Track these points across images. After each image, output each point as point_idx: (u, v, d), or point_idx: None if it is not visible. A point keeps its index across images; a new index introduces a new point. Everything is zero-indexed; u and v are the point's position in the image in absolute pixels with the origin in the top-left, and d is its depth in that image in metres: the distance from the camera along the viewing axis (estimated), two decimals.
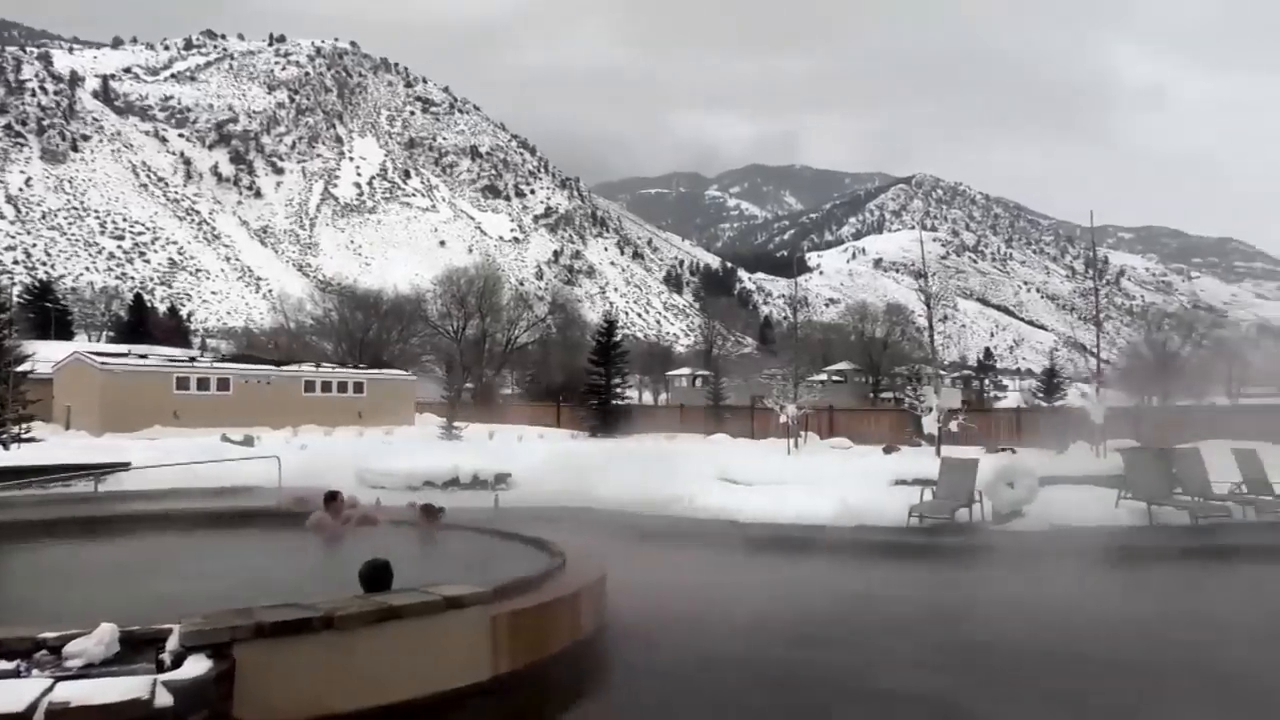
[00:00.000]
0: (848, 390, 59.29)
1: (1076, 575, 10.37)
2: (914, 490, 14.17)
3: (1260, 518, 13.74)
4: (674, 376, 78.48)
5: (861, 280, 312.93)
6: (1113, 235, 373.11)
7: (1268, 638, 7.51)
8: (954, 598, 9.37)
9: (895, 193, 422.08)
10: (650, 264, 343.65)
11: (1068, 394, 38.11)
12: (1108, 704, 5.77)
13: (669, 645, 7.03)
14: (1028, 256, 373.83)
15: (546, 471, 17.83)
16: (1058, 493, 14.43)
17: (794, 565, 10.84)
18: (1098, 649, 6.98)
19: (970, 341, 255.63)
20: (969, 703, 5.76)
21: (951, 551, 11.83)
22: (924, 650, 7.00)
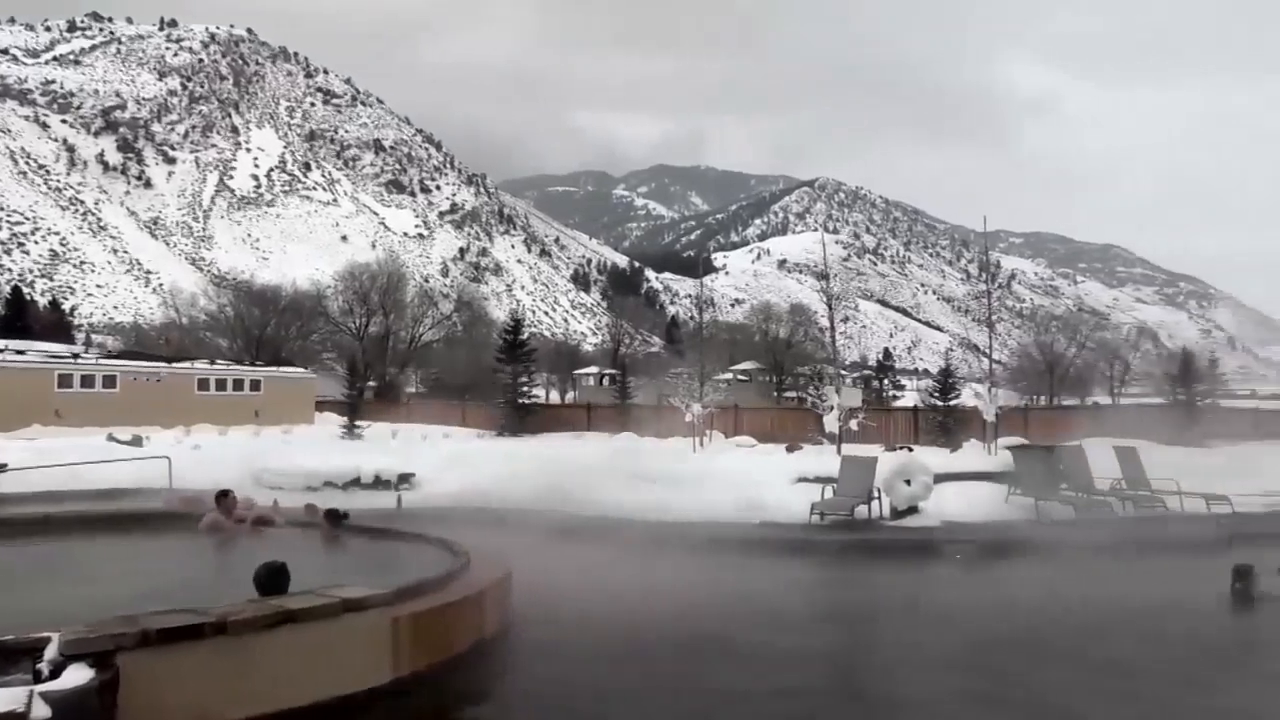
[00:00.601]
0: (753, 389, 60.05)
1: (958, 570, 10.75)
2: (816, 487, 14.48)
3: (1138, 512, 14.47)
4: (582, 375, 78.34)
5: (766, 281, 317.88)
6: (1005, 240, 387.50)
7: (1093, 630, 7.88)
8: (846, 595, 9.59)
9: (799, 195, 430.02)
10: (558, 262, 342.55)
11: (962, 394, 39.34)
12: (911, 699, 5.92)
13: (573, 644, 7.03)
14: (925, 259, 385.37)
15: (451, 471, 17.62)
16: (951, 489, 14.94)
17: (697, 562, 10.93)
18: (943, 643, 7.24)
19: (871, 342, 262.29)
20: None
21: (849, 548, 12.11)
22: (813, 648, 7.14)
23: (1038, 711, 5.70)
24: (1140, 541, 12.21)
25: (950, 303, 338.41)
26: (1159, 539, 12.38)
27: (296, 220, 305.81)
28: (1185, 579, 9.93)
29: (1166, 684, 6.21)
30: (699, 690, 6.04)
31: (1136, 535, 12.68)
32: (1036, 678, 6.33)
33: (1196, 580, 9.15)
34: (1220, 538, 12.03)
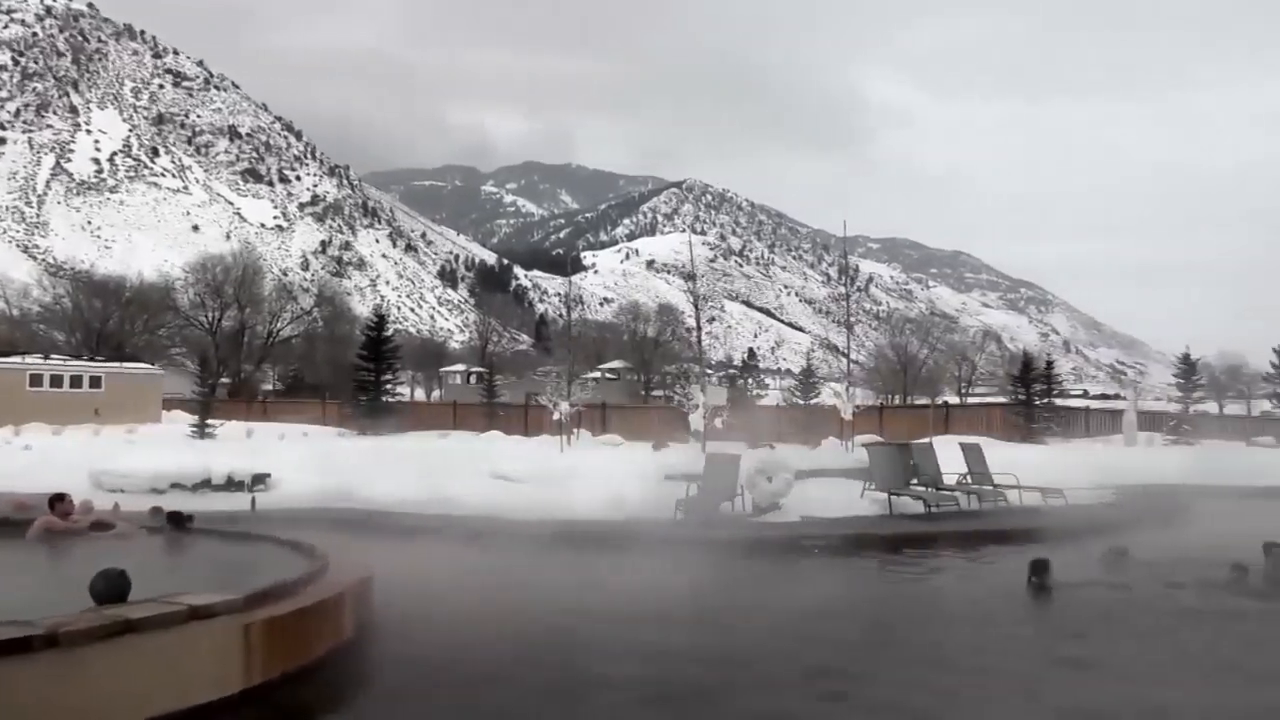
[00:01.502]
0: (620, 388, 60.47)
1: (814, 564, 11.12)
2: (681, 485, 14.67)
3: (982, 505, 15.31)
4: (448, 373, 77.16)
5: (635, 280, 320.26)
6: (863, 245, 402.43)
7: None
8: (707, 591, 9.75)
9: (668, 196, 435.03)
10: (424, 258, 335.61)
11: (822, 393, 40.70)
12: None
13: (434, 646, 6.93)
14: (788, 262, 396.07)
15: (310, 471, 17.05)
16: (811, 485, 15.43)
17: (563, 561, 10.93)
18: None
19: (736, 342, 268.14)
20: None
21: (712, 544, 12.29)
22: (672, 643, 7.22)
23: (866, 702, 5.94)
24: (977, 533, 12.84)
25: (812, 304, 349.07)
26: (996, 530, 13.05)
27: (143, 208, 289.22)
28: (1004, 570, 10.39)
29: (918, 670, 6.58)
30: (564, 692, 6.04)
31: (977, 527, 13.39)
32: (854, 669, 6.59)
33: (1011, 571, 9.64)
34: (1050, 528, 12.86)
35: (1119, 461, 23.05)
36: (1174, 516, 14.40)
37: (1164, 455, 27.18)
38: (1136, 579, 9.57)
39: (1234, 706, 5.79)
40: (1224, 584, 9.03)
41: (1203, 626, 7.89)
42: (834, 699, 5.90)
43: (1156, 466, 21.73)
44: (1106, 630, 7.70)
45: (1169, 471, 20.69)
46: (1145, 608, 8.59)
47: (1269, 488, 18.36)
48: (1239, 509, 15.55)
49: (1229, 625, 7.97)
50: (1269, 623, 8.25)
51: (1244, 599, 8.72)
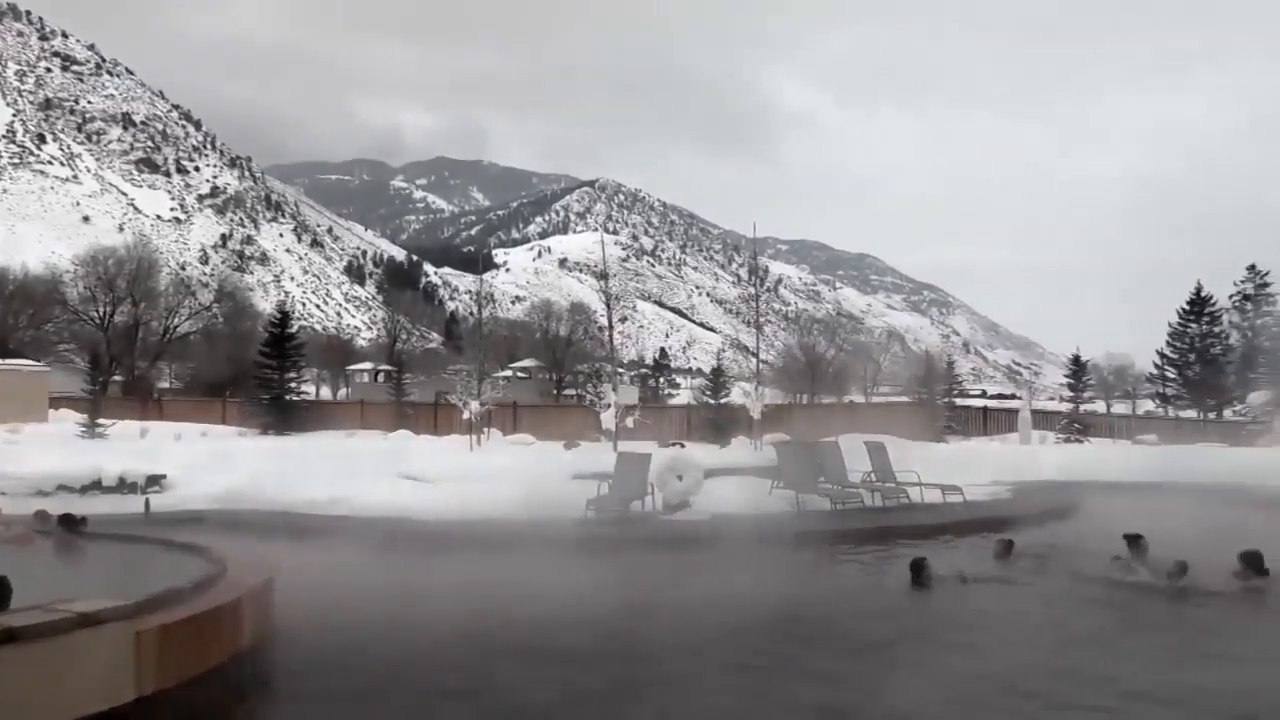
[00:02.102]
0: (532, 387, 60.11)
1: (720, 562, 11.25)
2: (592, 484, 14.67)
3: (885, 502, 15.70)
4: (355, 371, 75.53)
5: (547, 279, 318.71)
6: (772, 246, 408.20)
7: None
8: (616, 589, 9.79)
9: (580, 195, 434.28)
10: (331, 253, 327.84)
11: (732, 392, 41.13)
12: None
13: (337, 652, 6.77)
14: (700, 262, 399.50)
15: (209, 472, 16.51)
16: (720, 483, 15.57)
17: (471, 562, 10.82)
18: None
19: (648, 341, 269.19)
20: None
21: (622, 542, 12.33)
22: (582, 644, 7.23)
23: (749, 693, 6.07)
24: (879, 529, 13.08)
25: (723, 305, 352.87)
26: (896, 526, 13.35)
27: (28, 197, 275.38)
28: (896, 565, 10.54)
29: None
30: (469, 694, 5.98)
31: (879, 523, 13.67)
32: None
33: (902, 567, 9.86)
34: (947, 524, 13.27)
35: (1015, 459, 23.93)
36: (1064, 511, 14.97)
37: (1057, 453, 28.32)
38: (1016, 572, 10.04)
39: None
40: (1101, 574, 9.50)
41: (1069, 613, 8.34)
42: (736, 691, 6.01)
43: (1050, 464, 22.65)
44: (973, 621, 8.07)
45: (1061, 468, 21.59)
46: (1017, 598, 9.01)
47: (1150, 483, 19.32)
48: (1122, 504, 16.31)
49: (1099, 612, 8.44)
50: (1133, 609, 8.68)
51: (1119, 589, 9.19)
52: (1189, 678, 6.36)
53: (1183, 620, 8.33)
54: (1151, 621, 8.29)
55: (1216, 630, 7.90)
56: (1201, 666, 6.70)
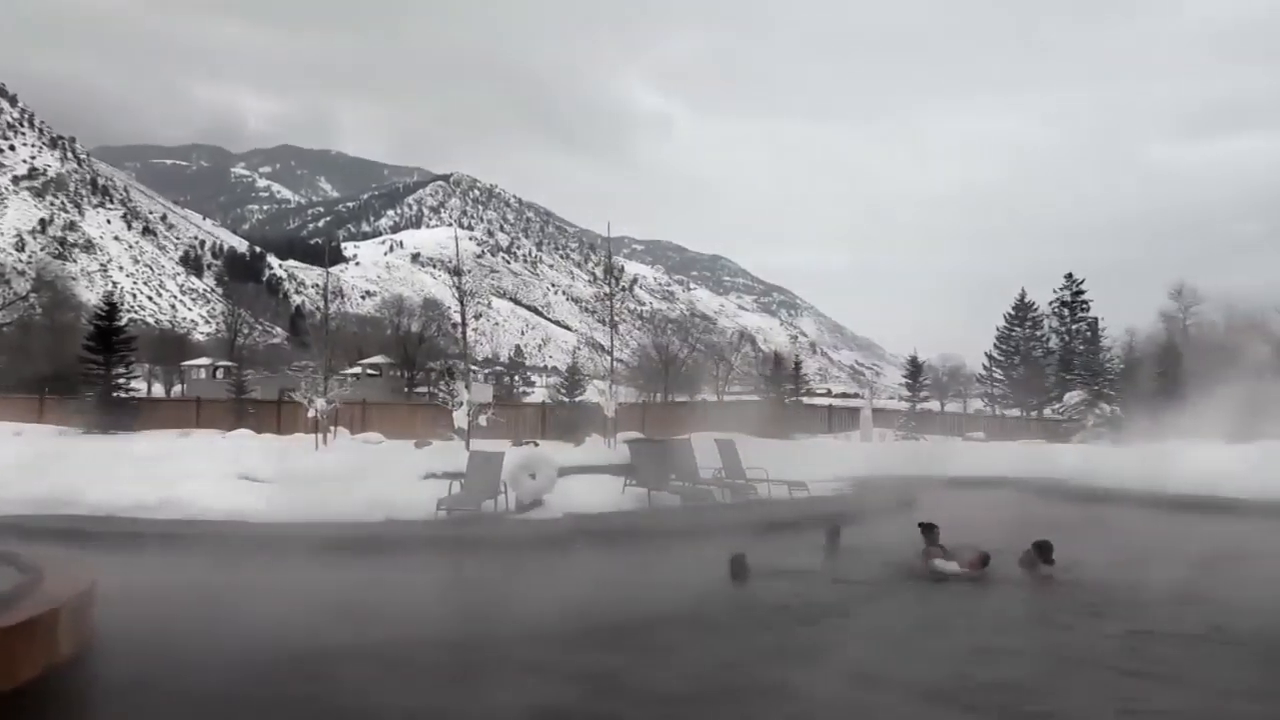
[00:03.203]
0: (382, 384, 58.64)
1: (571, 560, 11.32)
2: (444, 483, 14.44)
3: (734, 498, 16.10)
4: (191, 367, 71.63)
5: (399, 274, 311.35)
6: (628, 246, 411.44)
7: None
8: (465, 589, 9.71)
9: (434, 189, 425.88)
10: (165, 242, 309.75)
11: (587, 390, 41.30)
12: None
13: (163, 665, 6.39)
14: (555, 260, 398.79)
15: (23, 474, 15.32)
16: (574, 482, 15.61)
17: (311, 566, 10.48)
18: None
19: (503, 339, 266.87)
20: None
21: (473, 542, 12.19)
22: (422, 651, 7.09)
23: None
24: (725, 525, 13.29)
25: (579, 303, 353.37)
26: (742, 521, 13.59)
27: None
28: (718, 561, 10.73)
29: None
30: (299, 702, 5.79)
31: (726, 519, 13.97)
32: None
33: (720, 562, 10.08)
34: (788, 519, 13.73)
35: (856, 455, 25.00)
36: (897, 506, 15.68)
37: (895, 449, 29.76)
38: (835, 564, 10.61)
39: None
40: (908, 564, 10.13)
41: (860, 603, 8.80)
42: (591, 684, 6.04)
43: (888, 460, 23.79)
44: (768, 616, 8.29)
45: (898, 464, 22.70)
46: (824, 589, 9.41)
47: (979, 478, 20.59)
48: (949, 497, 17.31)
49: (884, 600, 8.98)
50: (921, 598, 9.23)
51: (922, 579, 9.80)
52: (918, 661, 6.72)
53: (940, 604, 8.87)
54: (922, 608, 8.80)
55: (972, 614, 8.43)
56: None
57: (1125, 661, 6.60)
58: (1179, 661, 6.66)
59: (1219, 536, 12.28)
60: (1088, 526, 13.46)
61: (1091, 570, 9.73)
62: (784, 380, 48.14)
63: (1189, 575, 9.37)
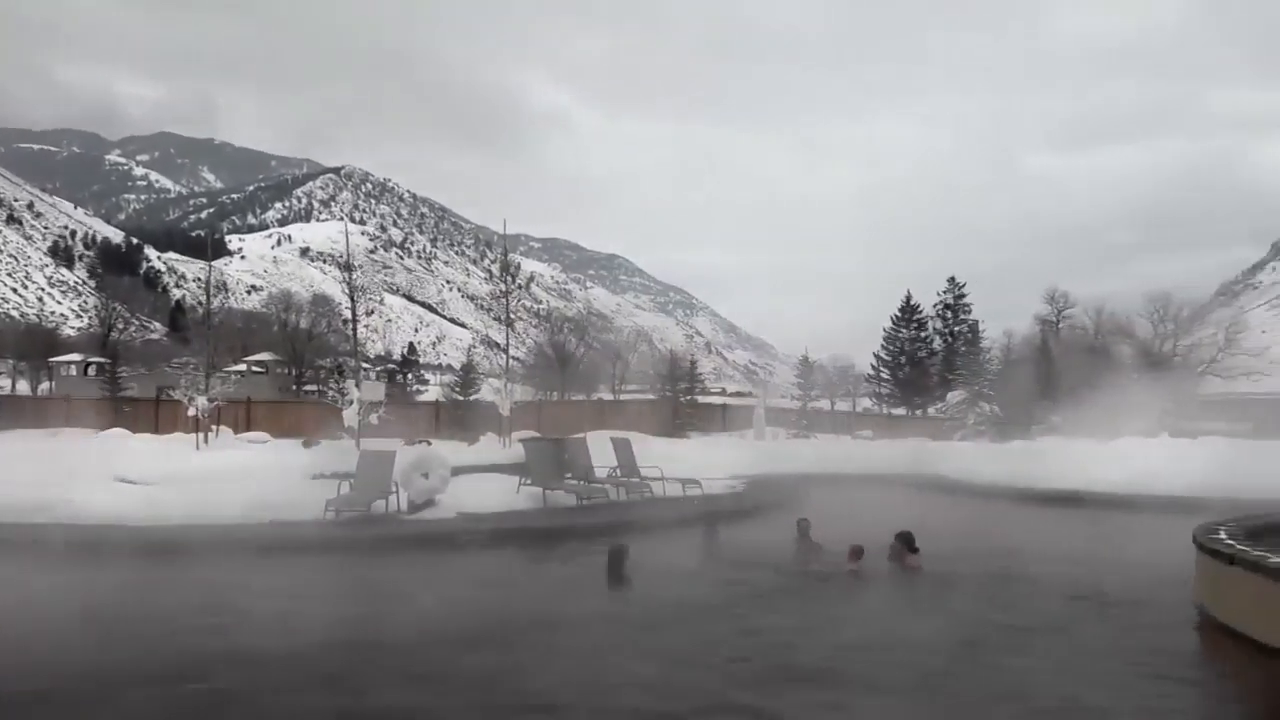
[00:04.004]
0: (268, 382, 56.90)
1: (444, 562, 11.20)
2: (333, 483, 14.10)
3: (630, 496, 16.18)
4: (60, 364, 67.91)
5: (287, 268, 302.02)
6: (525, 243, 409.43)
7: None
8: (353, 592, 9.50)
9: (324, 182, 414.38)
10: (31, 232, 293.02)
11: (482, 389, 40.77)
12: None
13: (25, 674, 6.10)
14: (451, 257, 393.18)
15: None
16: (468, 481, 15.46)
17: (192, 570, 10.11)
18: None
19: (396, 336, 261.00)
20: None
21: (362, 543, 11.94)
22: (308, 654, 6.95)
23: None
24: (619, 523, 13.34)
25: (474, 300, 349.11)
26: (636, 520, 13.73)
27: None
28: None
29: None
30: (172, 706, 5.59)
31: (621, 518, 13.99)
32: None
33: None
34: (681, 516, 13.88)
35: (750, 453, 25.43)
36: (785, 502, 16.00)
37: (787, 447, 30.37)
38: (713, 561, 10.77)
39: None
40: (787, 559, 10.48)
41: (722, 598, 9.00)
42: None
43: (781, 457, 24.29)
44: (619, 612, 8.53)
45: (790, 462, 23.22)
46: (695, 586, 9.56)
47: (867, 475, 21.22)
48: (838, 494, 17.80)
49: (751, 594, 9.18)
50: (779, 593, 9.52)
51: (797, 573, 10.16)
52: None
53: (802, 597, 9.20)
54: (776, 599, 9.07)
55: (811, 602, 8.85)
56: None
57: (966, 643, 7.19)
58: (1022, 638, 7.43)
59: (1078, 527, 12.96)
60: (960, 519, 14.10)
61: (953, 559, 10.18)
62: (680, 379, 48.47)
63: (1036, 561, 10.26)
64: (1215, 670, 6.95)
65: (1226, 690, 6.45)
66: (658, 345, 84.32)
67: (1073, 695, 5.88)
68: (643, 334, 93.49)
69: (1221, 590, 7.45)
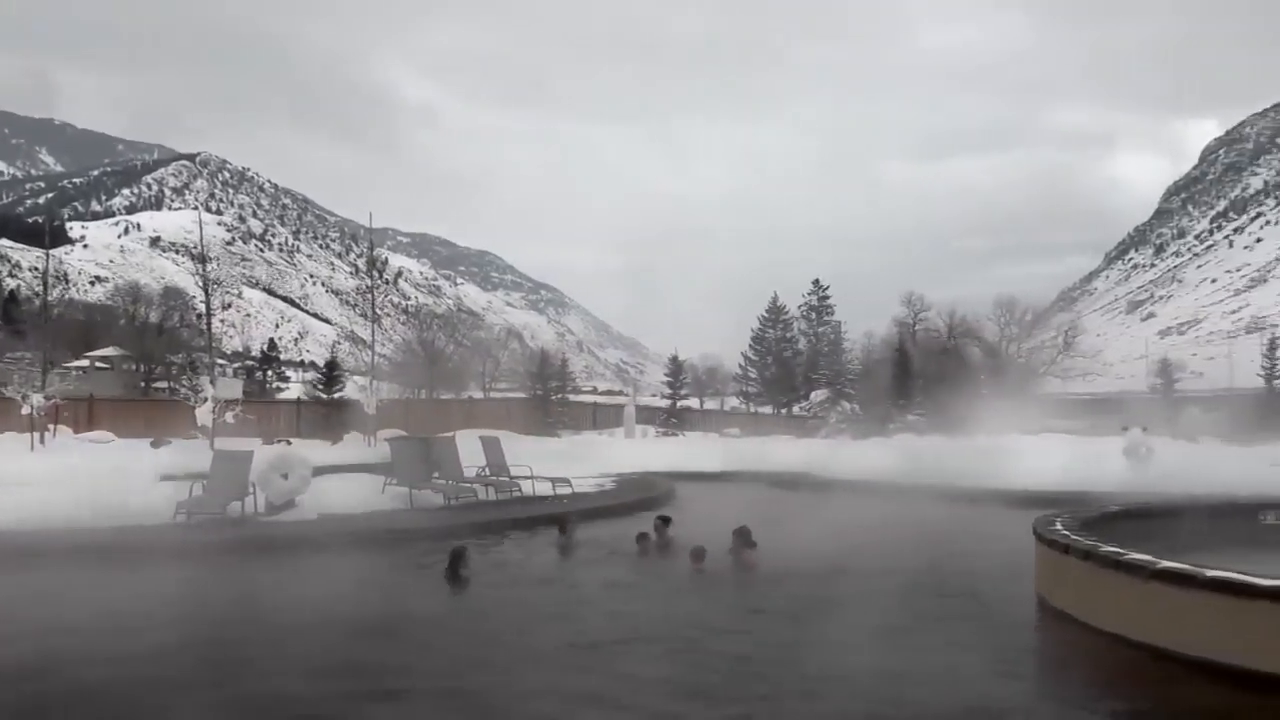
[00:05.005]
0: (114, 379, 54.04)
1: (318, 563, 10.85)
2: (185, 485, 13.46)
3: (499, 496, 16.02)
4: None
5: (136, 259, 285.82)
6: (393, 238, 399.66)
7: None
8: (202, 597, 9.09)
9: (177, 168, 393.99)
10: None
11: (346, 386, 39.70)
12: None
13: None
14: (315, 250, 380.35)
15: None
16: (331, 481, 15.01)
17: (23, 578, 9.47)
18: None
19: (255, 331, 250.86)
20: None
21: (215, 547, 11.37)
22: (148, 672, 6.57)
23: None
24: (485, 523, 13.10)
25: (339, 295, 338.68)
26: (502, 520, 13.52)
27: None
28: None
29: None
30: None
31: (487, 518, 13.71)
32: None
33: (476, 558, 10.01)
34: (544, 515, 13.79)
35: (620, 451, 25.59)
36: (649, 500, 16.10)
37: (657, 446, 30.75)
38: (564, 561, 10.87)
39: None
40: (628, 552, 10.74)
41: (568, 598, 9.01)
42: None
43: (650, 456, 24.53)
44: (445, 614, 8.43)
45: (660, 460, 23.48)
46: (535, 588, 9.45)
47: (733, 472, 21.69)
48: (702, 491, 18.13)
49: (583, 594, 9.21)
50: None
51: (637, 564, 10.44)
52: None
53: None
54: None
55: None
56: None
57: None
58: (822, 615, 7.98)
59: (932, 521, 13.55)
60: (812, 512, 14.62)
61: (791, 551, 10.49)
62: (551, 378, 48.41)
63: (869, 547, 10.90)
64: (1049, 654, 7.36)
65: (1059, 672, 6.83)
66: (529, 343, 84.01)
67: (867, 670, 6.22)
68: (514, 332, 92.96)
69: (1058, 579, 7.91)
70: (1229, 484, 13.60)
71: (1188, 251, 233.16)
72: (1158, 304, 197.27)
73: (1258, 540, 9.29)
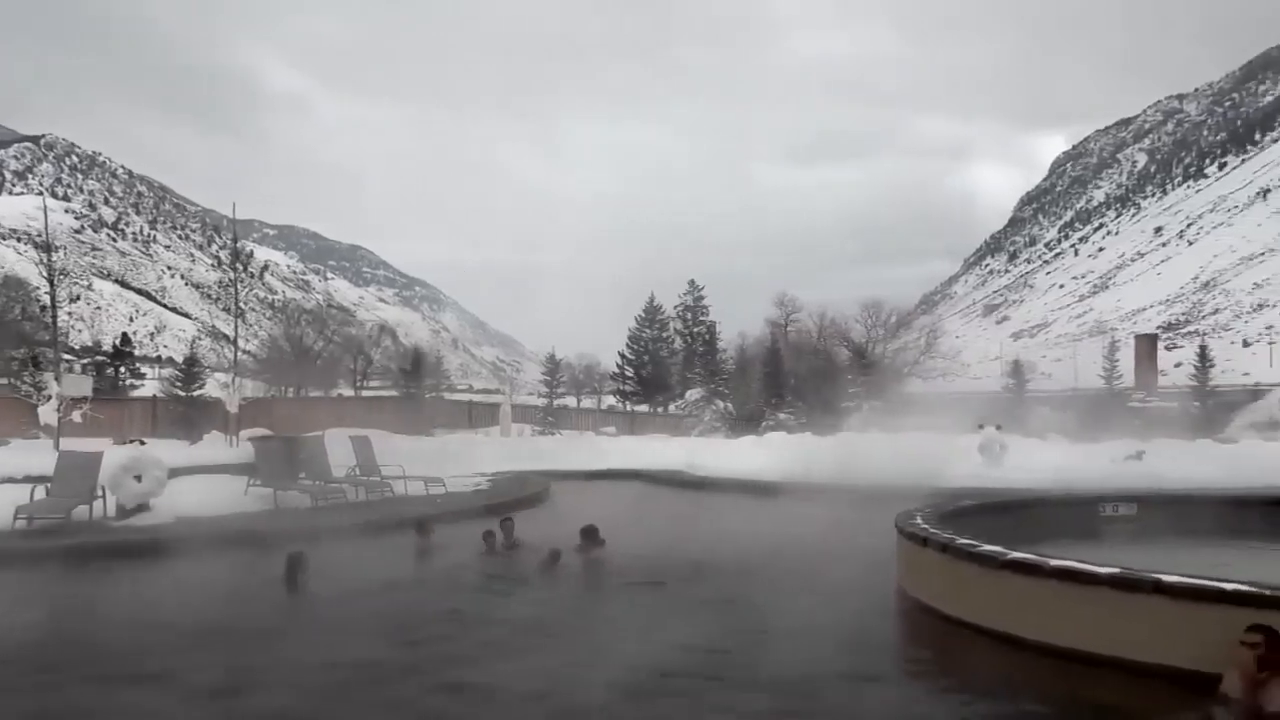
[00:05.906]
0: None
1: (175, 569, 10.38)
2: (25, 488, 12.65)
3: (369, 496, 15.64)
4: None
5: None
6: (259, 230, 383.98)
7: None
8: (39, 607, 8.59)
9: (20, 150, 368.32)
10: None
11: (207, 384, 37.98)
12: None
13: None
14: (173, 241, 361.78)
15: None
16: (189, 483, 14.39)
17: None
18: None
19: (107, 325, 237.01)
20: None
21: (58, 554, 10.73)
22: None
23: None
24: (352, 525, 12.75)
25: (200, 289, 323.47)
26: (370, 521, 13.12)
27: None
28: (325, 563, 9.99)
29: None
30: None
31: (356, 519, 13.30)
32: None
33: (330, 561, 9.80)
34: (411, 517, 13.51)
35: (496, 451, 25.34)
36: (523, 500, 15.92)
37: (532, 445, 30.56)
38: (416, 565, 10.70)
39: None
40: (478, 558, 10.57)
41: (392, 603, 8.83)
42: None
43: (526, 455, 24.39)
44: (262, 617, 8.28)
45: (535, 459, 23.37)
46: (379, 592, 9.22)
47: (608, 470, 21.80)
48: (576, 490, 18.14)
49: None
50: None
51: (490, 559, 10.44)
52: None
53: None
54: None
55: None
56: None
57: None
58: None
59: (796, 516, 13.90)
60: (678, 512, 14.84)
61: (638, 546, 10.69)
62: (425, 375, 47.56)
63: (710, 542, 11.30)
64: (908, 642, 7.67)
65: (917, 658, 7.13)
66: (402, 340, 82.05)
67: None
68: (387, 328, 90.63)
69: (918, 570, 8.25)
70: (1074, 479, 14.45)
71: (1038, 259, 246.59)
72: (1011, 308, 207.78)
73: (1099, 531, 9.97)
